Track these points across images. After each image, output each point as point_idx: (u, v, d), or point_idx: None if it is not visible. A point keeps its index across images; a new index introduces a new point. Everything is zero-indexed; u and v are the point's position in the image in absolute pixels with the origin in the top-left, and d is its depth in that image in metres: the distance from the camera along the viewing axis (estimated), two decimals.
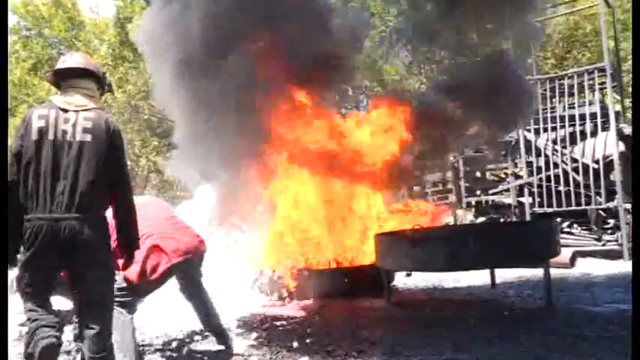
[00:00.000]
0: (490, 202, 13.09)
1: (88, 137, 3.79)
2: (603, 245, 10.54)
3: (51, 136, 3.74)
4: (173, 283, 5.36)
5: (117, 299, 4.51)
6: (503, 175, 13.65)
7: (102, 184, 3.83)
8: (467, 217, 13.30)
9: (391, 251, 7.23)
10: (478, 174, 13.74)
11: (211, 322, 5.46)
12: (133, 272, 4.61)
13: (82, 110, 3.86)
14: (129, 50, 20.34)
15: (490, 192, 13.07)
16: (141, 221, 4.67)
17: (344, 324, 6.41)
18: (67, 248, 3.69)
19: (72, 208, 3.70)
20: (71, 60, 4.11)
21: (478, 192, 13.23)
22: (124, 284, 4.66)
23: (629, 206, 9.88)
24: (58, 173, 3.72)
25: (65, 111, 3.83)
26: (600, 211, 10.82)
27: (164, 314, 6.62)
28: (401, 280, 8.96)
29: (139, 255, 4.57)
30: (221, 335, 5.47)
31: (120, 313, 4.58)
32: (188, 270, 5.15)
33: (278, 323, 6.62)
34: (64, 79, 4.07)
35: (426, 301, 7.56)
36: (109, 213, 4.05)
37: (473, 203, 13.26)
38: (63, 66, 4.09)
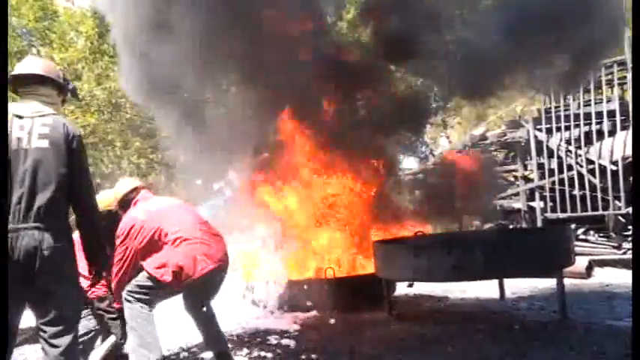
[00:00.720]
0: (498, 207, 13.03)
1: (45, 144, 3.75)
2: (623, 254, 10.44)
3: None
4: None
5: (136, 296, 4.83)
6: (512, 178, 13.60)
7: (62, 191, 3.77)
8: (473, 223, 13.22)
9: (392, 260, 7.15)
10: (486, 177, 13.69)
11: (216, 344, 5.37)
12: (168, 274, 4.77)
13: (39, 116, 3.82)
14: (109, 44, 20.25)
15: (498, 196, 13.01)
16: (173, 224, 4.97)
17: (341, 339, 6.34)
18: (27, 260, 3.58)
19: (30, 217, 3.63)
20: (29, 65, 4.08)
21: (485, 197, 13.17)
22: (149, 283, 4.82)
23: None
24: (14, 182, 3.65)
25: (20, 117, 3.77)
26: (619, 217, 10.74)
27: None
28: (403, 291, 8.88)
29: (173, 257, 4.83)
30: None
31: (140, 307, 4.80)
32: (215, 280, 5.21)
33: (271, 338, 6.55)
34: (22, 85, 4.03)
35: (430, 314, 7.49)
36: None
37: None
38: (20, 72, 4.03)
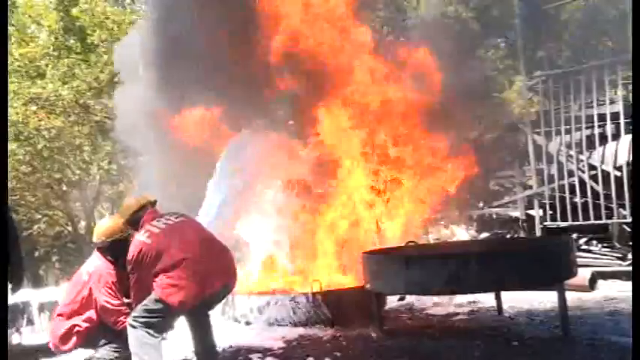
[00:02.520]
0: (495, 216, 13.10)
1: None
2: (629, 265, 10.52)
3: None
4: None
5: (144, 320, 5.07)
6: (509, 185, 13.67)
7: None
8: (468, 232, 13.29)
9: (382, 272, 7.17)
10: (480, 183, 13.74)
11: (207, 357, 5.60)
12: (175, 298, 5.03)
13: None
14: (75, 39, 20.12)
15: (494, 204, 13.08)
16: (179, 245, 5.16)
17: (328, 357, 6.34)
18: None
19: None
20: None
21: (481, 204, 13.23)
22: (157, 306, 5.04)
23: None
24: None
25: None
26: (624, 226, 10.79)
27: None
28: (393, 305, 8.90)
29: (180, 280, 5.07)
30: None
31: (146, 334, 5.05)
32: (223, 294, 5.55)
33: (254, 356, 6.57)
34: None
35: (423, 330, 7.50)
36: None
37: (475, 217, 13.26)
38: None
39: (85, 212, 23.08)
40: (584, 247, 11.00)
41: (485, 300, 8.61)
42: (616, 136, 10.99)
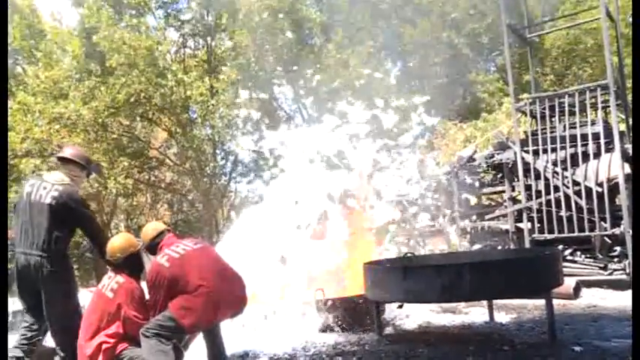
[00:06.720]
0: (486, 228, 13.10)
1: (53, 201, 5.86)
2: (609, 274, 10.57)
3: (32, 198, 5.90)
4: None
5: (155, 331, 5.22)
6: (500, 200, 13.69)
7: (58, 232, 5.81)
8: (462, 244, 13.27)
9: (381, 281, 7.19)
10: (473, 198, 13.76)
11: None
12: (187, 320, 5.23)
13: (57, 184, 5.96)
14: (96, 63, 20.24)
15: (486, 217, 13.09)
16: (195, 272, 5.37)
17: None
18: (33, 276, 5.66)
19: (36, 246, 5.72)
20: (63, 151, 6.45)
21: (473, 217, 13.24)
22: (170, 323, 5.24)
23: None
24: (32, 222, 5.81)
25: (46, 182, 5.98)
26: (605, 238, 10.84)
27: None
28: (392, 313, 8.90)
29: (195, 305, 5.26)
30: None
31: (158, 342, 5.20)
32: (232, 316, 5.76)
33: None
34: (61, 162, 6.30)
35: (420, 336, 7.52)
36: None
37: (468, 229, 13.27)
38: (56, 155, 6.53)
39: (102, 224, 23.17)
40: (569, 257, 11.03)
41: (478, 308, 8.61)
42: (597, 155, 11.04)
